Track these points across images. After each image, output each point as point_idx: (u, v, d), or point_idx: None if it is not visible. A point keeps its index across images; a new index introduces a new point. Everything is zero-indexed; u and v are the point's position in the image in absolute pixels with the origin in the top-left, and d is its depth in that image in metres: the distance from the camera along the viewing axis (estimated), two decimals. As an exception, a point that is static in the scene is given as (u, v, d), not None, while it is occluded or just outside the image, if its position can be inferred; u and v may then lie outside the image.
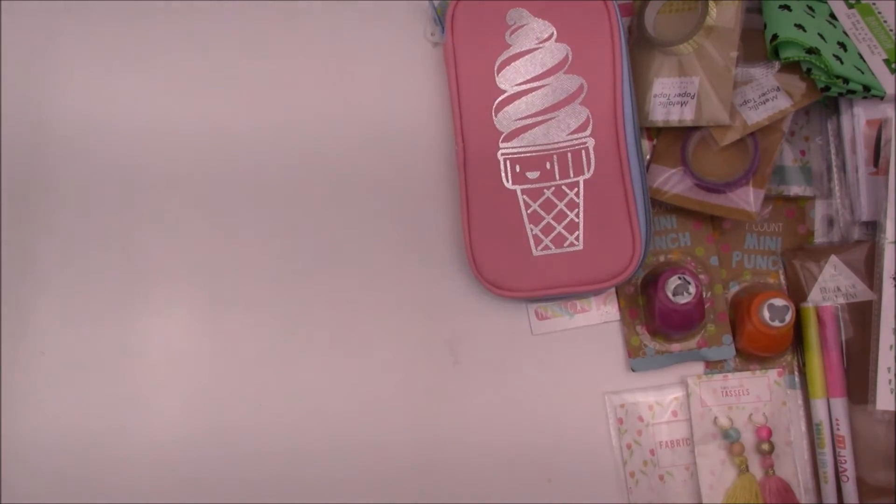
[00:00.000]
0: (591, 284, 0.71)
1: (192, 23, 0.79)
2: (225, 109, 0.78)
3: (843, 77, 0.70)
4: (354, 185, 0.77)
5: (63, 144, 0.77)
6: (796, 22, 0.70)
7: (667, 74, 0.74)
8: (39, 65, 0.78)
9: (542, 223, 0.72)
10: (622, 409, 0.75)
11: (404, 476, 0.74)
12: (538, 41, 0.73)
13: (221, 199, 0.77)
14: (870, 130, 0.73)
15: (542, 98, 0.72)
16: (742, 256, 0.77)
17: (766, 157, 0.72)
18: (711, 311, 0.75)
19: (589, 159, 0.72)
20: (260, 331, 0.75)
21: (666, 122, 0.74)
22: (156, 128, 0.78)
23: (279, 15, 0.79)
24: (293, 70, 0.78)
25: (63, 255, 0.76)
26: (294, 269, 0.76)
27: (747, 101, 0.72)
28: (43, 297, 0.75)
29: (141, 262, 0.76)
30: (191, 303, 0.76)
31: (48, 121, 0.77)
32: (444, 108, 0.77)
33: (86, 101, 0.78)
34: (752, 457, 0.74)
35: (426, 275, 0.76)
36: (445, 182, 0.77)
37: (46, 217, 0.76)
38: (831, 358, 0.73)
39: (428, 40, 0.79)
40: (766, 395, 0.74)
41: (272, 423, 0.74)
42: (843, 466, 0.72)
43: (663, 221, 0.77)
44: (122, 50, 0.79)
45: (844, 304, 0.74)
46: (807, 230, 0.77)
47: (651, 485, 0.74)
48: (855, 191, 0.74)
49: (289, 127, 0.78)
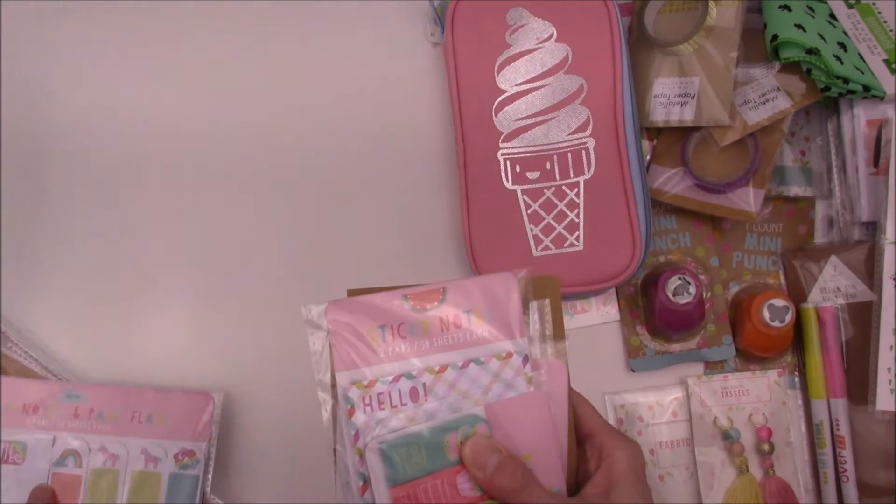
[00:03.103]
0: (591, 284, 0.71)
1: (193, 20, 0.79)
2: (224, 109, 0.78)
3: (843, 77, 0.70)
4: (354, 184, 0.77)
5: (63, 140, 0.77)
6: (796, 22, 0.70)
7: (667, 74, 0.74)
8: (39, 62, 0.78)
9: (543, 223, 0.72)
10: (622, 410, 0.75)
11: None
12: (538, 41, 0.73)
13: (220, 199, 0.77)
14: (870, 130, 0.73)
15: (543, 98, 0.72)
16: (742, 257, 0.77)
17: (766, 157, 0.72)
18: (711, 312, 0.75)
19: (589, 159, 0.72)
20: (260, 332, 0.75)
21: (666, 123, 0.74)
22: (156, 124, 0.78)
23: (279, 15, 0.79)
24: (293, 70, 0.78)
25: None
26: (293, 270, 0.76)
27: (747, 102, 0.72)
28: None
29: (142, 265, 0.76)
30: (187, 305, 0.76)
31: (48, 116, 0.78)
32: (444, 108, 0.77)
33: (85, 97, 0.78)
34: (752, 457, 0.74)
35: (426, 275, 0.76)
36: (445, 182, 0.77)
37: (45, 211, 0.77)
38: (831, 358, 0.73)
39: (428, 40, 0.79)
40: (766, 395, 0.74)
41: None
42: (844, 467, 0.72)
43: (663, 221, 0.77)
44: (120, 46, 0.79)
45: (844, 305, 0.74)
46: (807, 230, 0.77)
47: (651, 485, 0.73)
48: (855, 191, 0.74)
49: (288, 127, 0.78)
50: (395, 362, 0.51)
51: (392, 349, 0.51)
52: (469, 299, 0.51)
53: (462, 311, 0.51)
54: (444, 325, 0.51)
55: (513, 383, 0.51)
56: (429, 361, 0.51)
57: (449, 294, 0.52)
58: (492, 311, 0.52)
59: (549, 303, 0.52)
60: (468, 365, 0.51)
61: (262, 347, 0.75)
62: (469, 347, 0.51)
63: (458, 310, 0.51)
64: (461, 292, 0.52)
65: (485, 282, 0.52)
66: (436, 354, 0.51)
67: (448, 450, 0.49)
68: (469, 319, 0.51)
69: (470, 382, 0.51)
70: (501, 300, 0.52)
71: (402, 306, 0.51)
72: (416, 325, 0.51)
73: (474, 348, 0.51)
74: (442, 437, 0.49)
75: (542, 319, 0.52)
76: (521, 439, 0.50)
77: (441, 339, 0.51)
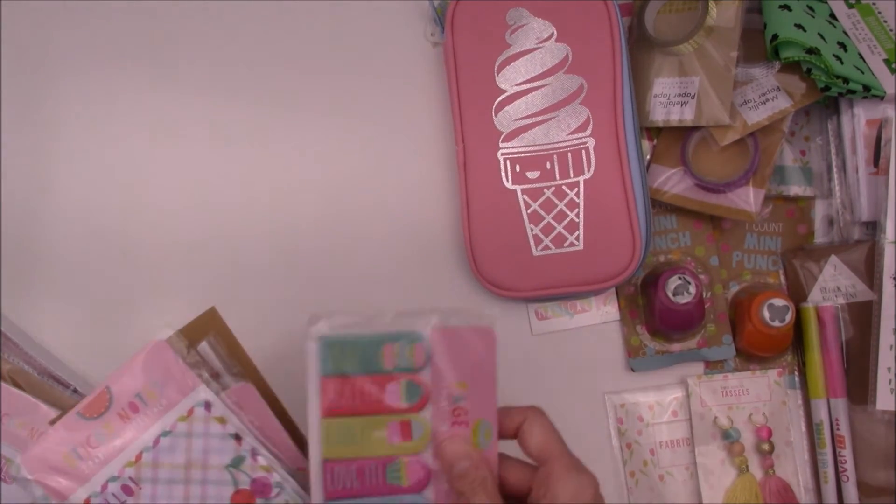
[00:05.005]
0: (592, 284, 0.71)
1: (193, 18, 0.79)
2: (224, 108, 0.78)
3: (843, 77, 0.70)
4: (353, 185, 0.77)
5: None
6: (796, 22, 0.70)
7: (667, 74, 0.74)
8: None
9: (543, 223, 0.72)
10: (622, 409, 0.75)
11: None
12: (538, 41, 0.73)
13: (219, 199, 0.77)
14: (870, 130, 0.73)
15: (543, 98, 0.72)
16: (742, 256, 0.77)
17: (766, 157, 0.72)
18: (711, 311, 0.75)
19: (589, 159, 0.72)
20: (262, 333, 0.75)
21: (666, 122, 0.74)
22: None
23: (279, 14, 0.79)
24: (292, 70, 0.78)
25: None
26: (292, 268, 0.76)
27: (747, 101, 0.72)
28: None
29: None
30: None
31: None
32: (444, 108, 0.77)
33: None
34: (752, 457, 0.74)
35: (426, 275, 0.76)
36: (445, 182, 0.77)
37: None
38: (831, 358, 0.73)
39: (428, 40, 0.79)
40: (766, 395, 0.74)
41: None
42: (844, 466, 0.72)
43: (663, 221, 0.77)
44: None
45: (844, 304, 0.74)
46: (807, 230, 0.77)
47: (651, 485, 0.73)
48: (855, 191, 0.74)
49: (288, 126, 0.78)
50: (99, 472, 0.56)
51: (90, 463, 0.56)
52: (134, 381, 0.56)
53: (133, 397, 0.56)
54: (123, 417, 0.56)
55: (208, 430, 0.56)
56: (125, 457, 0.55)
57: (113, 388, 0.56)
58: (158, 381, 0.56)
59: (213, 337, 0.57)
60: (159, 441, 0.56)
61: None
62: (153, 425, 0.56)
63: (129, 397, 0.56)
64: (123, 379, 0.56)
65: (139, 359, 0.56)
66: (128, 447, 0.56)
67: (383, 359, 0.52)
68: (142, 400, 0.56)
69: (170, 453, 0.55)
70: (161, 366, 0.56)
71: (80, 423, 0.56)
72: (101, 431, 0.56)
73: (157, 423, 0.56)
74: (380, 345, 0.52)
75: (217, 353, 0.57)
76: (459, 368, 0.52)
77: (126, 430, 0.56)
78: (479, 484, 0.51)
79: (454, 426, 0.52)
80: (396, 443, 0.52)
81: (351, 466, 0.51)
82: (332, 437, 0.51)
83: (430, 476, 0.52)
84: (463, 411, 0.53)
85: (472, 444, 0.52)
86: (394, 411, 0.52)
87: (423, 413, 0.52)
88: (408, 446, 0.52)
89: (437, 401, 0.52)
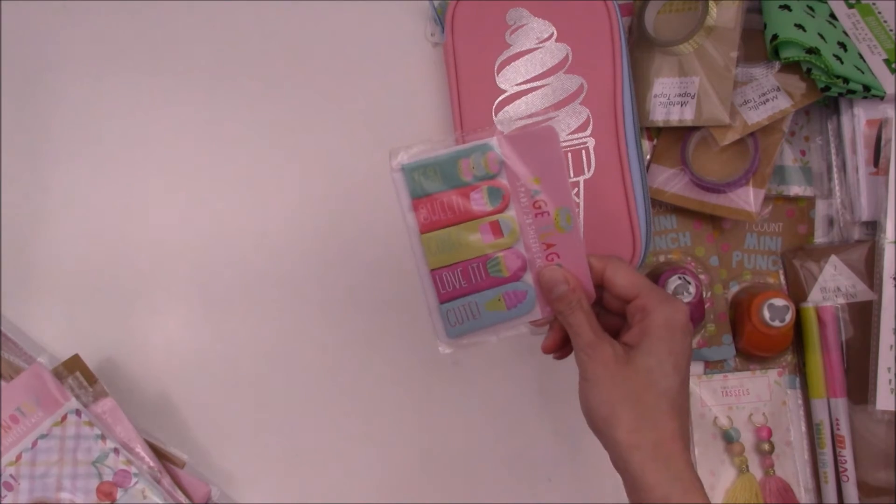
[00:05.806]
0: (592, 284, 0.72)
1: (193, 18, 0.79)
2: (224, 108, 0.78)
3: (843, 77, 0.70)
4: (353, 185, 0.77)
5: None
6: (796, 22, 0.70)
7: (667, 74, 0.74)
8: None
9: (543, 223, 0.72)
10: (622, 409, 0.74)
11: (403, 476, 0.74)
12: (538, 41, 0.73)
13: (219, 198, 0.77)
14: (870, 130, 0.73)
15: (543, 98, 0.72)
16: (742, 256, 0.77)
17: (766, 157, 0.72)
18: (711, 311, 0.75)
19: (589, 159, 0.72)
20: (263, 333, 0.76)
21: (666, 122, 0.74)
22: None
23: (278, 15, 0.79)
24: (291, 70, 0.78)
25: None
26: (294, 271, 0.76)
27: (747, 101, 0.72)
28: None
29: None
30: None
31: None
32: (444, 108, 0.77)
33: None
34: (752, 457, 0.74)
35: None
36: (445, 182, 0.77)
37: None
38: (831, 358, 0.73)
39: (428, 40, 0.79)
40: (766, 395, 0.74)
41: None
42: (844, 466, 0.72)
43: (663, 221, 0.77)
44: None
45: (844, 304, 0.74)
46: (807, 230, 0.77)
47: (651, 485, 0.73)
48: (855, 191, 0.74)
49: (287, 126, 0.78)
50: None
51: None
52: (13, 398, 0.67)
53: (13, 411, 0.67)
54: (5, 428, 0.67)
55: (79, 433, 0.68)
56: (7, 459, 0.67)
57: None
58: (35, 397, 0.68)
59: (78, 372, 0.70)
60: (37, 443, 0.67)
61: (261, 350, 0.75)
62: (32, 432, 0.67)
63: (9, 411, 0.67)
64: (5, 396, 0.67)
65: (21, 380, 0.68)
66: (11, 449, 0.67)
67: (461, 172, 0.58)
68: (21, 412, 0.67)
69: (45, 453, 0.67)
70: (40, 384, 0.68)
71: None
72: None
73: (36, 430, 0.68)
74: (456, 162, 0.58)
75: (78, 381, 0.70)
76: (530, 166, 0.58)
77: (8, 437, 0.67)
78: (577, 304, 0.57)
79: (537, 217, 0.58)
80: (490, 241, 0.58)
81: (455, 270, 0.59)
82: (434, 249, 0.58)
83: (526, 264, 0.59)
84: (542, 202, 0.58)
85: (557, 229, 0.58)
86: (482, 215, 0.58)
87: (508, 212, 0.59)
88: (501, 242, 0.59)
89: (517, 198, 0.59)
